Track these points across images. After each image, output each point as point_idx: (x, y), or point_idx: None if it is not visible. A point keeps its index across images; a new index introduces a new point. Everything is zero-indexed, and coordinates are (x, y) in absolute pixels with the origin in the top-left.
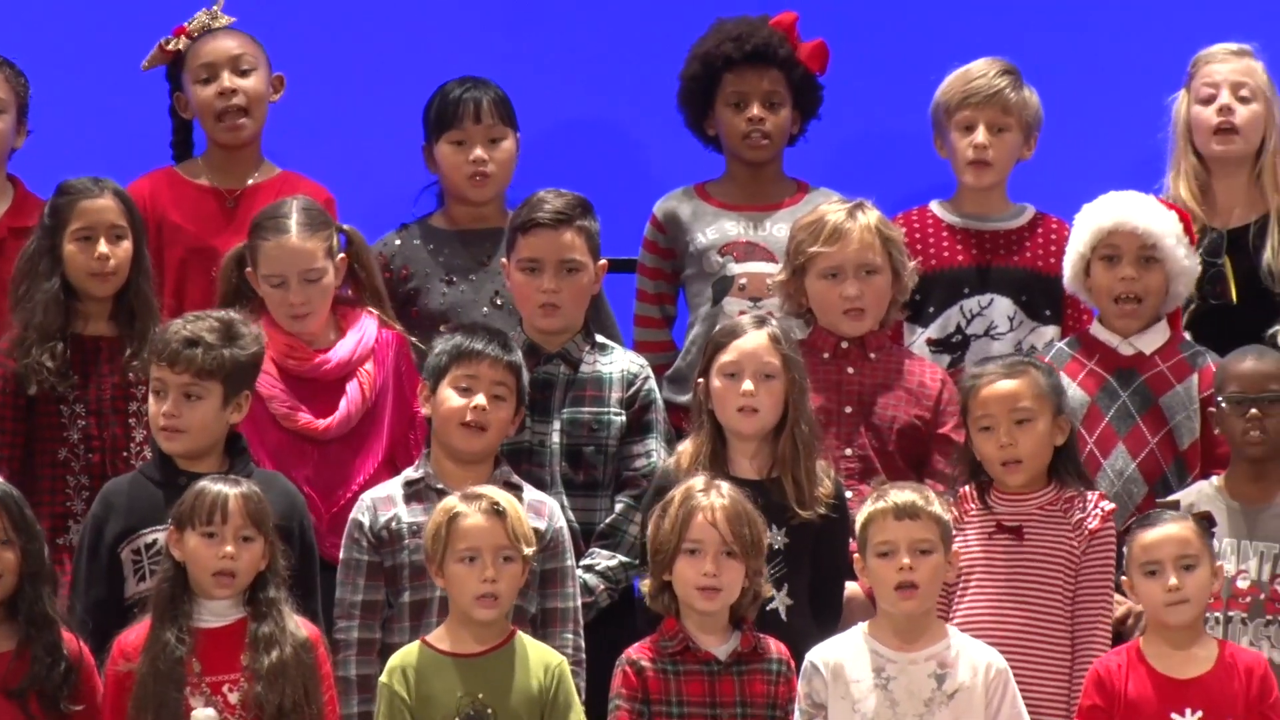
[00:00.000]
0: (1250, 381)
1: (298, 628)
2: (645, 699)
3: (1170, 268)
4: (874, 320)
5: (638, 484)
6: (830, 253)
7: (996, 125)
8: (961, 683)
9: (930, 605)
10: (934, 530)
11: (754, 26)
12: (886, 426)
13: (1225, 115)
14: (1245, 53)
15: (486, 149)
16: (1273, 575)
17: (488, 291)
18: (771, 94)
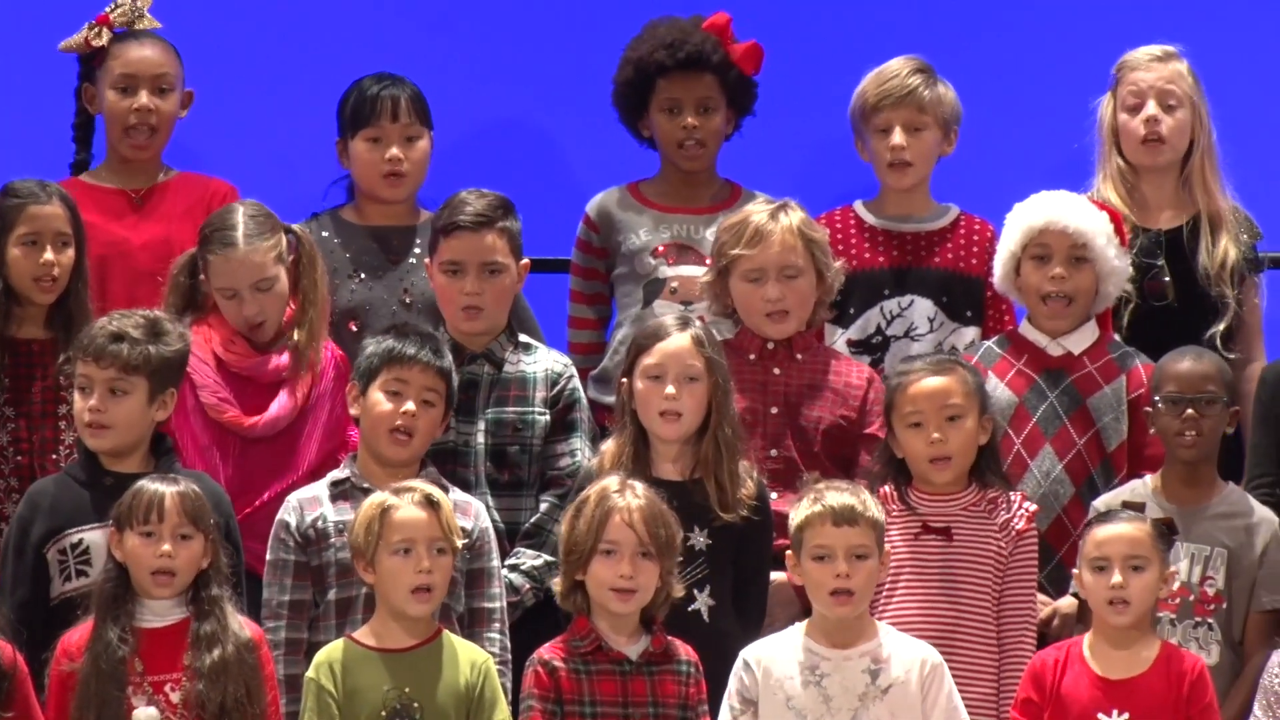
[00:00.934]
0: (1187, 382)
1: (241, 627)
2: (558, 698)
3: (1100, 268)
4: (797, 322)
5: (562, 483)
6: (752, 255)
7: (913, 125)
8: (896, 678)
9: (865, 608)
10: (870, 535)
11: (687, 32)
12: (813, 427)
13: (1152, 126)
14: (1171, 56)
15: (402, 148)
16: (1203, 577)
17: (397, 290)
18: (706, 99)
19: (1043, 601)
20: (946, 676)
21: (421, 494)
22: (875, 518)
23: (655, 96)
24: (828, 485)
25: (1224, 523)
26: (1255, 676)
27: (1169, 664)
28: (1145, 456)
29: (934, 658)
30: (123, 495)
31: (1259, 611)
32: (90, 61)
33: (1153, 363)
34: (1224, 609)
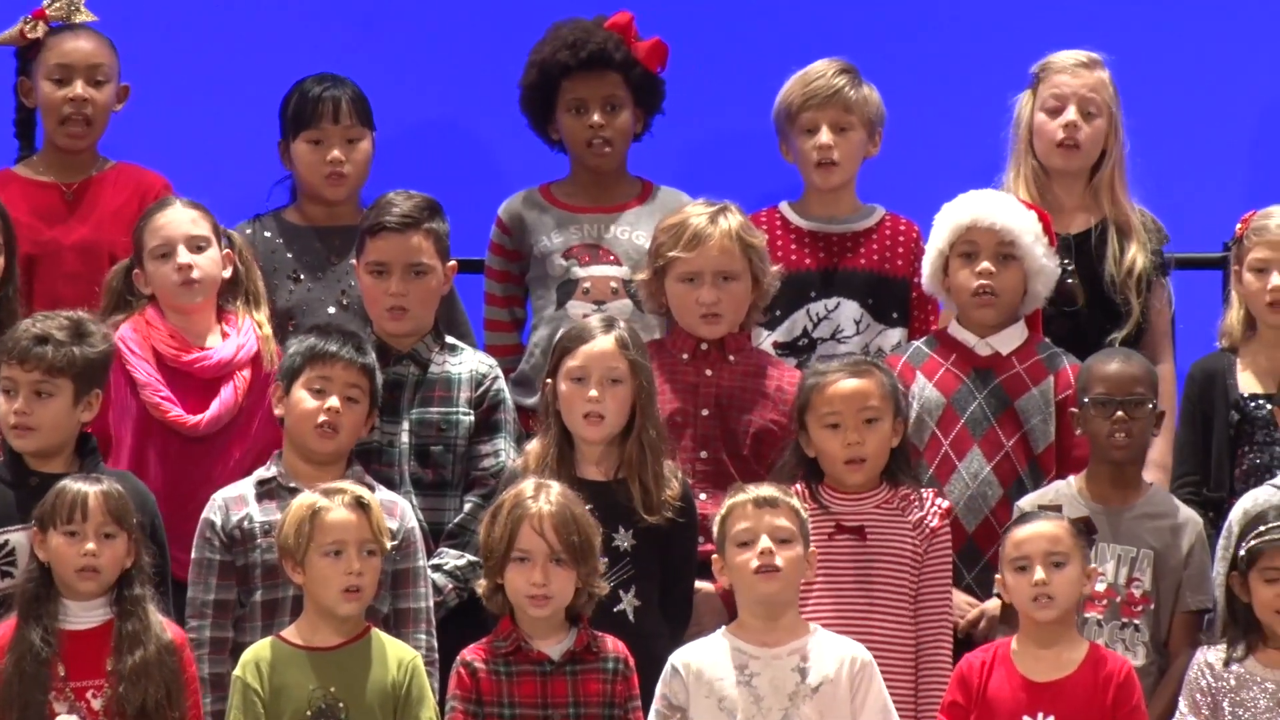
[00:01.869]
0: (1116, 384)
1: (163, 629)
2: (478, 699)
3: (1029, 266)
4: (730, 325)
5: (486, 483)
6: (689, 258)
7: (839, 125)
8: (825, 675)
9: (792, 598)
10: (793, 520)
11: (589, 32)
12: (743, 431)
13: (1071, 132)
14: (1095, 64)
15: (343, 149)
16: (1130, 578)
17: (335, 291)
18: (611, 98)
19: (970, 603)
20: (876, 675)
21: (352, 496)
22: (796, 507)
23: (561, 97)
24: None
25: (1149, 524)
26: (1181, 676)
27: (1096, 666)
28: (1074, 458)
29: (864, 656)
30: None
31: (1185, 612)
32: (26, 54)
33: (1079, 363)
34: (1150, 610)
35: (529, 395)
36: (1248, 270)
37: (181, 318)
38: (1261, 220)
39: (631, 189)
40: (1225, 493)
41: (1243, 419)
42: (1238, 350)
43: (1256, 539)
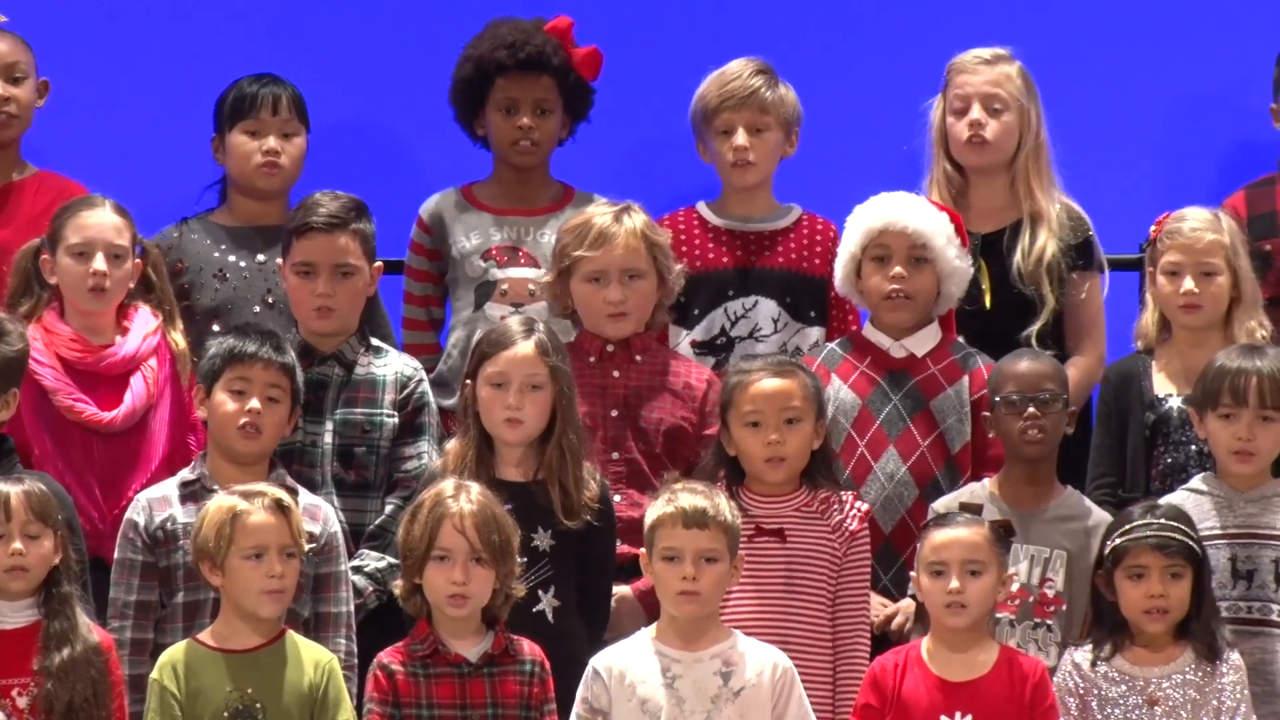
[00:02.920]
0: (1027, 382)
1: (89, 631)
2: (396, 702)
3: (941, 268)
4: (636, 324)
5: (408, 485)
6: (595, 256)
7: (755, 126)
8: (748, 680)
9: (713, 610)
10: (721, 539)
11: (529, 33)
12: (653, 429)
13: (975, 130)
14: (1000, 59)
15: (280, 142)
16: (1042, 579)
17: (260, 290)
18: (542, 101)
19: (885, 604)
20: (797, 681)
21: (271, 498)
22: (727, 521)
23: (493, 95)
24: (684, 486)
25: (1063, 525)
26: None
27: (1010, 666)
28: (989, 458)
29: (784, 662)
30: None
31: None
32: None
33: (994, 363)
34: (1063, 611)
35: (446, 396)
36: (1161, 273)
37: (81, 317)
38: (1174, 223)
39: (553, 193)
40: (1140, 494)
41: (1158, 420)
42: (1153, 352)
43: (1122, 537)
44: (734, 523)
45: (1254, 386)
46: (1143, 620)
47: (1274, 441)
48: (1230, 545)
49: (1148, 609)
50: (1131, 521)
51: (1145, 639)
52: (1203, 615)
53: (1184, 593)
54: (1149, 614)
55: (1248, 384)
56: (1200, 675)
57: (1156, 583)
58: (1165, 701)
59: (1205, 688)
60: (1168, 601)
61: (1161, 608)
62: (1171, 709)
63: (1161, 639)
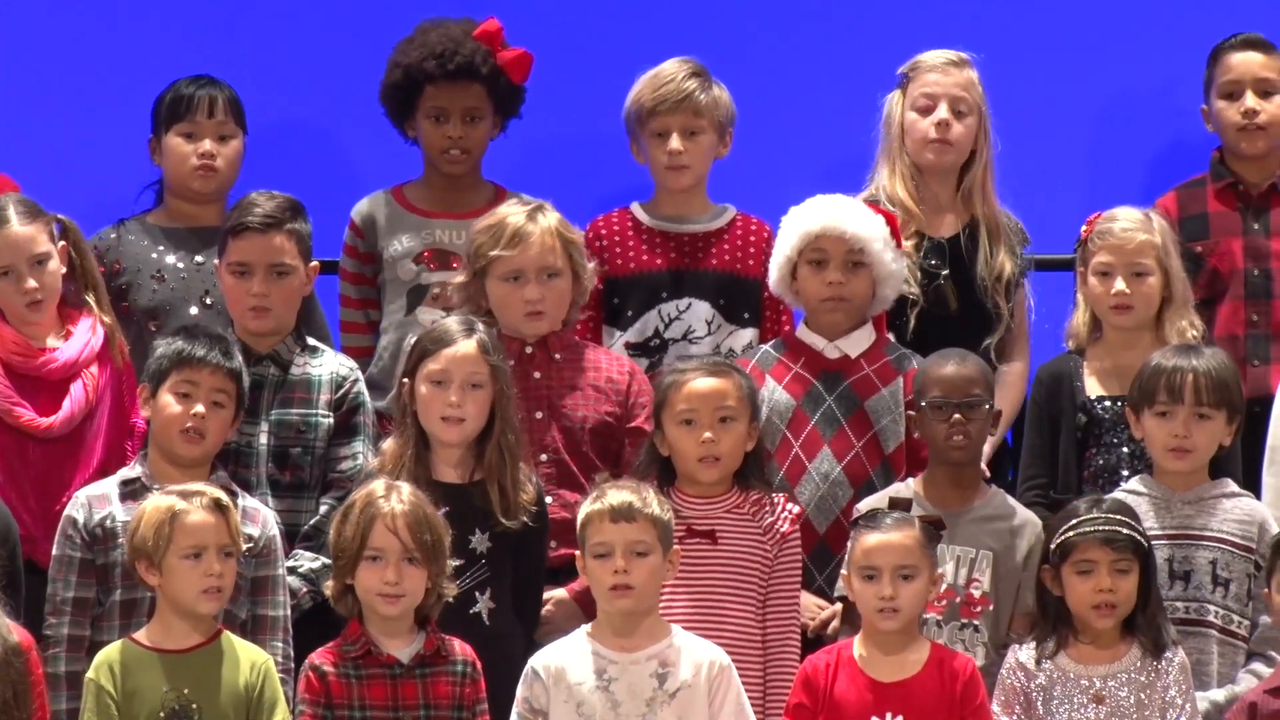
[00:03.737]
0: (952, 386)
1: (9, 632)
2: (328, 703)
3: (878, 271)
4: (553, 323)
5: (343, 485)
6: (511, 256)
7: (689, 129)
8: (684, 681)
9: (648, 605)
10: (651, 532)
11: (458, 41)
12: (578, 427)
13: (943, 131)
14: (965, 63)
15: (215, 144)
16: (969, 579)
17: (197, 291)
18: (473, 109)
19: (820, 605)
20: (734, 678)
21: (210, 498)
22: (656, 515)
23: (422, 103)
24: (612, 484)
25: (988, 525)
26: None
27: (941, 665)
28: (922, 458)
29: (722, 659)
30: None
31: (1023, 613)
32: None
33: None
34: (990, 611)
35: (378, 398)
36: (1092, 274)
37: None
38: (1105, 224)
39: (484, 194)
40: (1072, 495)
41: (1090, 421)
42: (1084, 353)
43: (1069, 532)
44: (664, 516)
45: (1190, 384)
46: (1091, 616)
47: (1210, 439)
48: (1168, 546)
49: (1096, 604)
50: (1078, 516)
51: (1091, 635)
52: (1149, 610)
53: (1132, 587)
54: (1097, 609)
55: (1184, 381)
56: (1146, 672)
57: (1105, 577)
58: (1111, 699)
59: (1151, 685)
60: (1116, 596)
61: (1110, 602)
62: (1117, 706)
63: (1108, 635)
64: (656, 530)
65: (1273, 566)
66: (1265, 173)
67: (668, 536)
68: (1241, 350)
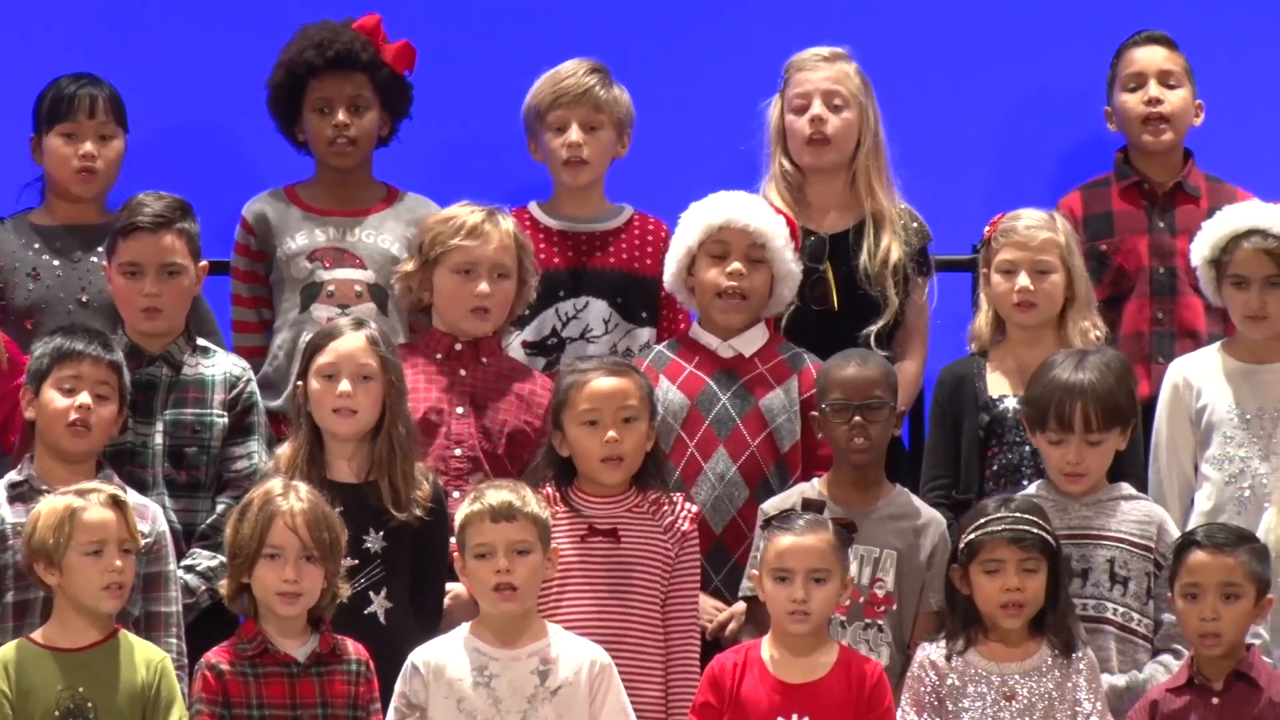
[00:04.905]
0: (854, 388)
1: None
2: (225, 702)
3: (777, 270)
4: (496, 323)
5: (239, 485)
6: (470, 247)
7: (589, 124)
8: (564, 679)
9: (531, 604)
10: (531, 530)
11: (336, 32)
12: (497, 430)
13: (817, 126)
14: (839, 57)
15: (96, 145)
16: (873, 579)
17: (74, 290)
18: (357, 98)
19: (718, 607)
20: (615, 677)
21: (107, 495)
22: (535, 513)
23: (307, 97)
24: (488, 484)
25: (892, 525)
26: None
27: (848, 668)
28: (818, 457)
29: (603, 658)
30: None
31: (927, 613)
32: None
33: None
34: (894, 611)
35: (273, 398)
36: (996, 272)
37: None
38: (1010, 222)
39: (376, 193)
40: (974, 495)
41: (992, 420)
42: (987, 354)
43: (977, 531)
44: (542, 514)
45: (1079, 413)
46: (998, 615)
47: (1103, 458)
48: (1066, 545)
49: (1003, 603)
50: (986, 515)
51: (1000, 633)
52: (1058, 610)
53: (1039, 586)
54: (1005, 608)
55: (1073, 411)
56: (1056, 671)
57: (1012, 576)
58: (1022, 696)
59: (1061, 683)
60: (1023, 595)
61: (1017, 601)
62: (1028, 704)
63: (1017, 634)
64: (536, 529)
65: (1174, 570)
66: (1169, 171)
67: (547, 535)
68: (1147, 348)
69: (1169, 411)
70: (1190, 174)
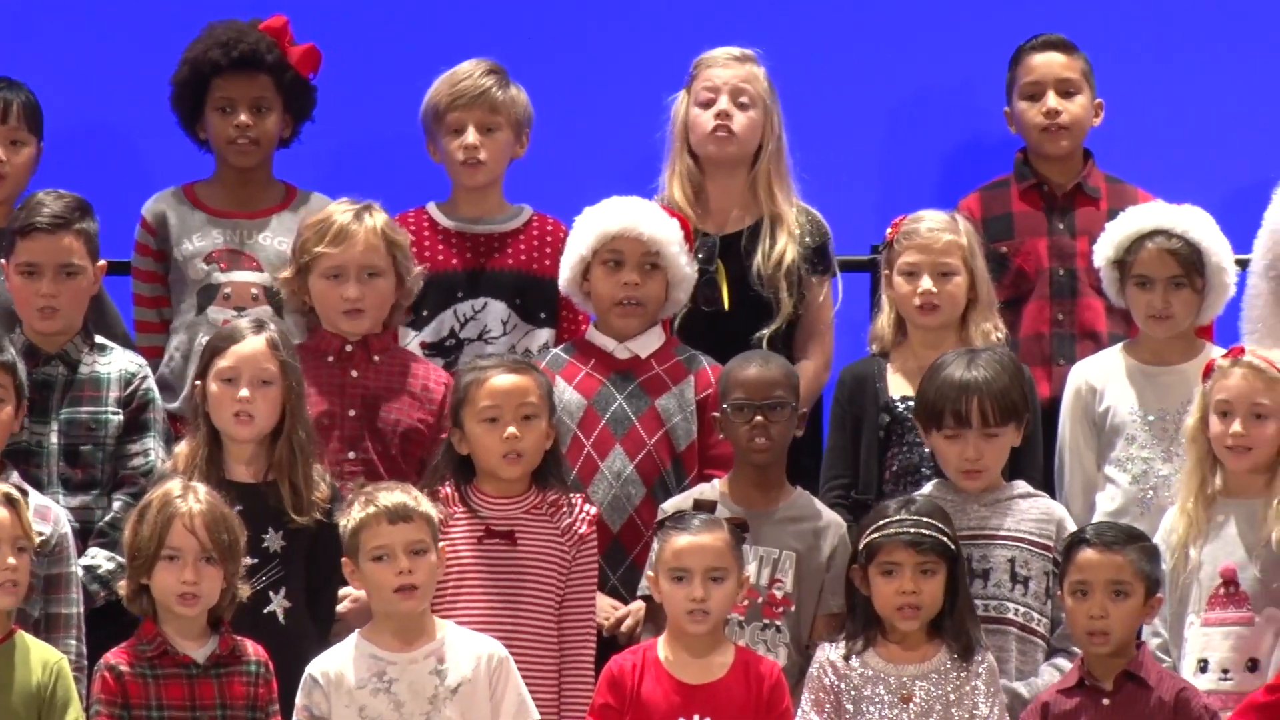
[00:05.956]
0: (755, 388)
1: None
2: (125, 703)
3: (672, 275)
4: (373, 323)
5: (135, 482)
6: (334, 253)
7: (486, 125)
8: (464, 676)
9: (427, 604)
10: (426, 530)
11: (242, 32)
12: (390, 430)
13: (723, 120)
14: (748, 58)
15: (6, 151)
16: (771, 580)
17: None
18: (259, 99)
19: (615, 606)
20: (512, 669)
21: (1, 494)
22: (427, 513)
23: (210, 96)
24: (376, 486)
25: (792, 526)
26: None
27: (747, 669)
28: (713, 456)
29: (499, 651)
30: None
31: (826, 614)
32: None
33: (720, 365)
34: (792, 612)
35: (170, 399)
36: (898, 274)
37: None
38: (912, 224)
39: (275, 193)
40: (873, 495)
41: (893, 421)
42: (889, 354)
43: (876, 533)
44: (433, 514)
45: (975, 408)
46: (895, 617)
47: (1000, 453)
48: (965, 545)
49: (900, 605)
50: (886, 517)
51: (899, 635)
52: (956, 613)
53: (937, 590)
54: (901, 611)
55: (969, 406)
56: (954, 674)
57: (909, 579)
58: (919, 699)
59: (959, 687)
60: (920, 598)
61: (913, 604)
62: (925, 706)
63: (915, 636)
64: (429, 528)
65: (1064, 568)
66: (1069, 173)
67: (437, 534)
68: (1047, 349)
69: (1071, 414)
70: (1090, 175)
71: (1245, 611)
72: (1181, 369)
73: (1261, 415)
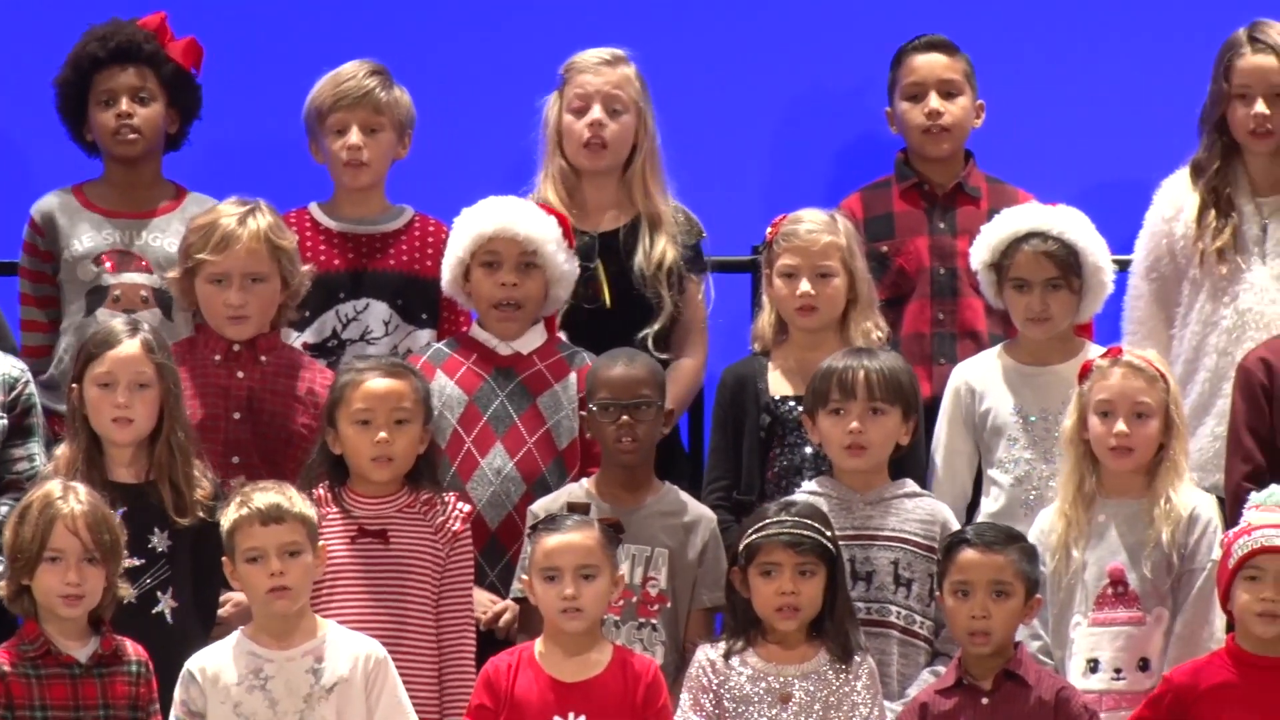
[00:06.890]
0: (620, 387)
1: None
2: (9, 704)
3: (550, 273)
4: (258, 326)
5: (19, 486)
6: (217, 260)
7: (369, 126)
8: (340, 675)
9: (304, 603)
10: (301, 531)
11: (120, 26)
12: (275, 434)
13: (595, 131)
14: (619, 60)
15: None
16: (645, 578)
17: None
18: (140, 89)
19: (493, 600)
20: (391, 670)
21: None
22: (303, 513)
23: (93, 92)
24: (254, 487)
25: (662, 522)
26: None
27: (624, 667)
28: (595, 454)
29: (378, 652)
30: None
31: (700, 610)
32: None
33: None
34: (668, 609)
35: (57, 400)
36: (777, 275)
37: None
38: (790, 225)
39: (164, 192)
40: (755, 495)
41: (774, 421)
42: (770, 353)
43: (755, 534)
44: (309, 514)
45: (862, 380)
46: (774, 618)
47: (885, 435)
48: (849, 546)
49: (779, 606)
50: (766, 518)
51: (778, 636)
52: (836, 615)
53: (816, 591)
54: (780, 611)
55: (855, 378)
56: (834, 675)
57: (787, 580)
58: (798, 699)
59: (838, 688)
60: (799, 599)
61: (792, 605)
62: (804, 706)
63: (794, 637)
64: (305, 529)
65: (944, 570)
66: (950, 173)
67: (315, 534)
68: (928, 348)
69: (949, 416)
70: (971, 175)
71: (1135, 611)
72: (1061, 369)
73: (1143, 414)
